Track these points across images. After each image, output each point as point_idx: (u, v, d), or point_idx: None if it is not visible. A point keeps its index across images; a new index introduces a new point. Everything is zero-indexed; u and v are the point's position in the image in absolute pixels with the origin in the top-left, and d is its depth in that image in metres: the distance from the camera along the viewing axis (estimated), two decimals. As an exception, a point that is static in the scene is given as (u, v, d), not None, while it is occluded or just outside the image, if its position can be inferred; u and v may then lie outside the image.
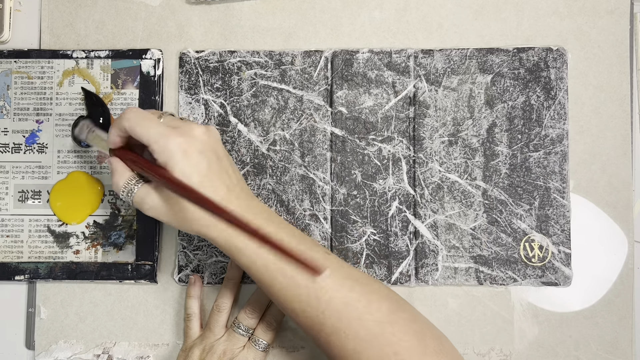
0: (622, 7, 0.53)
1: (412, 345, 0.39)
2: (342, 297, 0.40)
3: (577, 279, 0.52)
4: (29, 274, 0.52)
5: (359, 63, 0.53)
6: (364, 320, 0.40)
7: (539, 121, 0.52)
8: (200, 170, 0.40)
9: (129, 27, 0.54)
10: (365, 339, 0.40)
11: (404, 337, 0.40)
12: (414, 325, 0.41)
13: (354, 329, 0.40)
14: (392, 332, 0.40)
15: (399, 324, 0.40)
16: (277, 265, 0.41)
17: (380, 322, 0.40)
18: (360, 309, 0.40)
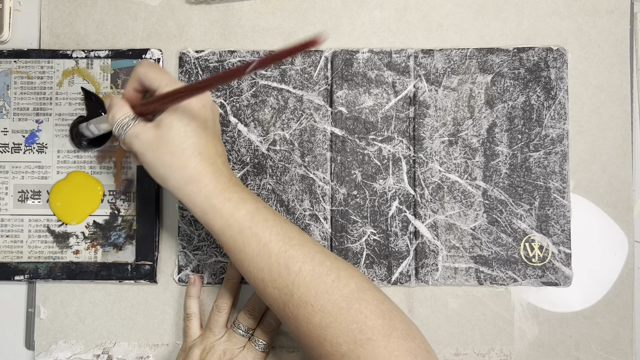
0: (622, 7, 0.53)
1: (378, 324, 0.39)
2: (312, 269, 0.40)
3: (577, 279, 0.52)
4: (28, 274, 0.52)
5: (359, 63, 0.53)
6: (331, 295, 0.40)
7: (539, 121, 0.52)
8: (198, 124, 0.42)
9: (128, 27, 0.54)
10: (331, 314, 0.39)
11: (371, 315, 0.39)
12: (382, 306, 0.40)
13: (321, 302, 0.40)
14: (359, 310, 0.39)
15: (367, 301, 0.40)
16: (252, 230, 0.41)
17: (347, 298, 0.40)
18: (328, 282, 0.40)
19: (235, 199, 0.42)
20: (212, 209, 0.42)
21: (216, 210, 0.42)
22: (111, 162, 0.53)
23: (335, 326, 0.39)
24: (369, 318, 0.39)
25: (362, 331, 0.39)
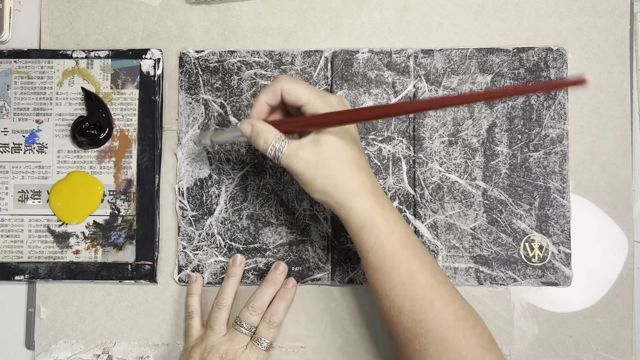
0: (622, 7, 0.53)
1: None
2: (454, 311, 0.41)
3: (577, 279, 0.52)
4: (28, 274, 0.52)
5: (359, 63, 0.53)
6: (468, 340, 0.40)
7: (539, 121, 0.52)
8: (351, 133, 0.43)
9: (128, 27, 0.54)
10: (465, 358, 0.40)
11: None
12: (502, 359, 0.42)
13: (457, 344, 0.40)
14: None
15: (496, 353, 0.41)
16: (403, 257, 0.41)
17: (482, 347, 0.40)
18: (467, 327, 0.40)
19: (392, 219, 0.42)
20: (370, 225, 0.42)
21: (374, 227, 0.41)
22: (111, 162, 0.53)
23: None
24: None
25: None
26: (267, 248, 0.52)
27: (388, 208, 0.42)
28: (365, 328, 0.52)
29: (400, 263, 0.41)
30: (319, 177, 0.41)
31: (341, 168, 0.41)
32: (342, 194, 0.41)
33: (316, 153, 0.41)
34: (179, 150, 0.53)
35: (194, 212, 0.53)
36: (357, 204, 0.41)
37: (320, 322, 0.52)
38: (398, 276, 0.41)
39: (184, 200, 0.53)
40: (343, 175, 0.41)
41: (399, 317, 0.42)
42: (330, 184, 0.41)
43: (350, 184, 0.41)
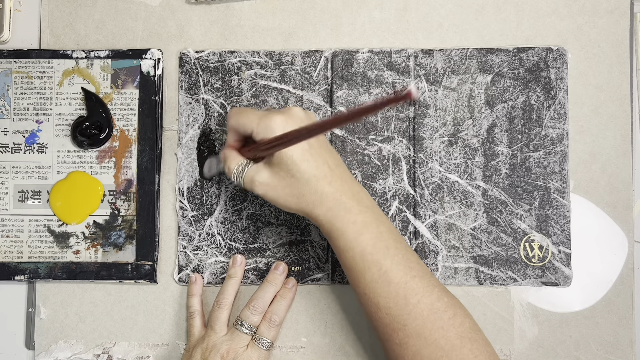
0: (622, 7, 0.53)
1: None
2: (430, 304, 0.41)
3: (577, 279, 0.52)
4: (28, 274, 0.52)
5: (359, 63, 0.53)
6: (446, 331, 0.41)
7: (539, 121, 0.52)
8: (301, 144, 0.42)
9: (128, 27, 0.54)
10: (443, 349, 0.40)
11: (480, 356, 0.41)
12: (488, 348, 0.42)
13: (435, 337, 0.41)
14: (470, 349, 0.41)
15: (478, 342, 0.41)
16: (374, 257, 0.42)
17: (461, 337, 0.41)
18: (445, 319, 0.41)
19: (359, 222, 0.42)
20: (336, 231, 0.43)
21: (340, 232, 0.43)
22: (111, 162, 0.53)
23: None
24: (478, 358, 0.41)
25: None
26: (267, 248, 0.52)
27: (356, 211, 0.42)
28: (365, 328, 0.52)
29: (371, 263, 0.42)
30: (280, 197, 0.43)
31: (298, 185, 0.42)
32: (305, 207, 0.43)
33: (272, 175, 0.43)
34: (179, 150, 0.53)
35: (194, 212, 0.53)
36: (320, 214, 0.43)
37: (320, 322, 0.52)
38: (370, 275, 0.42)
39: (184, 200, 0.53)
40: (301, 191, 0.42)
41: (376, 314, 0.43)
42: (292, 201, 0.43)
43: (311, 198, 0.42)
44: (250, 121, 0.43)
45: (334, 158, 0.44)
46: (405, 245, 0.44)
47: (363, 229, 0.42)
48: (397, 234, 0.44)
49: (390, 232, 0.43)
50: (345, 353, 0.52)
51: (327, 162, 0.43)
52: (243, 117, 0.44)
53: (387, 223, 0.44)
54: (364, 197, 0.44)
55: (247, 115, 0.44)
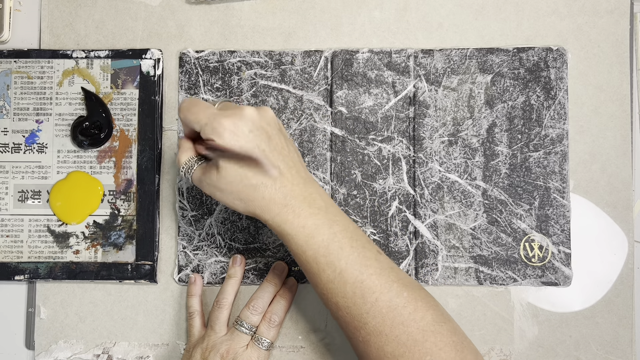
0: (622, 7, 0.53)
1: (451, 357, 0.40)
2: (389, 301, 0.41)
3: (577, 279, 0.52)
4: (28, 274, 0.52)
5: (359, 63, 0.53)
6: (407, 327, 0.40)
7: (539, 121, 0.52)
8: (249, 150, 0.40)
9: (128, 27, 0.54)
10: (405, 345, 0.40)
11: (445, 347, 0.40)
12: (454, 337, 0.41)
13: (396, 333, 0.40)
14: (433, 342, 0.40)
15: (441, 334, 0.40)
16: (327, 258, 0.41)
17: (423, 331, 0.40)
18: (405, 314, 0.40)
19: (309, 226, 0.42)
20: (286, 235, 0.42)
21: (290, 237, 0.42)
22: (111, 162, 0.53)
23: (408, 356, 0.40)
24: (443, 350, 0.40)
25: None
26: (267, 248, 0.52)
27: (305, 214, 0.42)
28: (365, 328, 0.52)
29: (325, 265, 0.41)
30: (228, 200, 0.42)
31: (245, 190, 0.42)
32: (253, 211, 0.42)
33: (218, 178, 0.42)
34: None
35: (194, 212, 0.53)
36: (269, 219, 0.42)
37: (320, 322, 0.52)
38: (326, 276, 0.42)
39: (184, 200, 0.53)
40: (248, 196, 0.42)
41: (337, 313, 0.42)
42: (239, 205, 0.42)
43: (258, 203, 0.42)
44: (198, 120, 0.41)
45: (288, 160, 0.43)
46: (363, 242, 0.43)
47: (314, 232, 0.41)
48: (353, 231, 0.43)
49: (345, 231, 0.42)
50: (345, 353, 0.52)
51: (278, 167, 0.42)
52: (192, 114, 0.41)
53: (343, 222, 0.43)
54: (317, 198, 0.43)
55: (197, 113, 0.41)
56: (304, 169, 0.44)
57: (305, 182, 0.43)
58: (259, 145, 0.41)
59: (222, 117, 0.40)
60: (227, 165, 0.41)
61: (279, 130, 0.43)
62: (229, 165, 0.41)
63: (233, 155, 0.41)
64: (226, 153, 0.41)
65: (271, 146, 0.42)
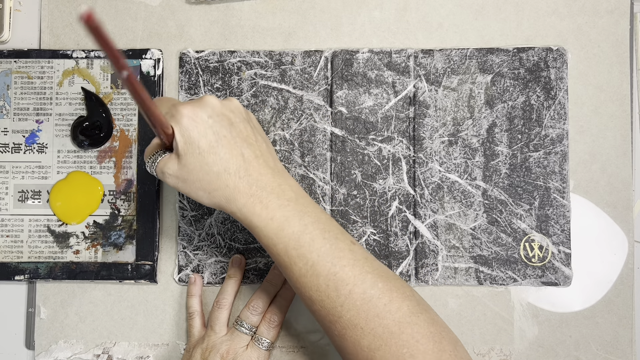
0: (622, 7, 0.53)
1: (429, 349, 0.39)
2: (362, 292, 0.39)
3: (577, 279, 0.52)
4: (28, 274, 0.52)
5: (359, 63, 0.53)
6: (383, 319, 0.39)
7: (539, 121, 0.52)
8: (208, 134, 0.40)
9: (129, 27, 0.54)
10: (381, 337, 0.39)
11: (422, 339, 0.39)
12: (432, 328, 0.40)
13: (372, 325, 0.39)
14: (410, 334, 0.39)
15: (418, 325, 0.39)
16: (298, 251, 0.40)
17: (399, 323, 0.39)
18: (380, 306, 0.39)
19: (278, 217, 0.40)
20: (254, 227, 0.41)
21: (259, 230, 0.41)
22: (111, 162, 0.53)
23: (385, 349, 0.39)
24: (420, 342, 0.39)
25: (412, 355, 0.38)
26: (267, 248, 0.52)
27: (274, 206, 0.40)
28: (365, 328, 0.52)
29: (296, 258, 0.40)
30: (191, 191, 0.41)
31: (208, 179, 0.40)
32: (218, 202, 0.41)
33: (181, 167, 0.40)
34: (179, 150, 0.53)
35: (194, 212, 0.53)
36: (236, 210, 0.41)
37: (320, 322, 0.52)
38: (298, 270, 0.40)
39: (184, 200, 0.53)
40: (212, 185, 0.40)
41: (312, 307, 0.41)
42: (203, 196, 0.41)
43: (223, 193, 0.40)
44: (161, 108, 0.40)
45: (254, 148, 0.41)
46: (335, 233, 0.41)
47: (284, 224, 0.40)
48: (326, 222, 0.42)
49: (317, 222, 0.41)
50: (345, 353, 0.52)
51: (242, 154, 0.40)
52: (156, 107, 0.41)
53: (315, 213, 0.41)
54: (287, 189, 0.41)
55: (161, 103, 0.41)
56: (273, 160, 0.43)
57: (274, 172, 0.42)
58: (219, 131, 0.40)
59: (180, 105, 0.40)
60: (187, 151, 0.40)
61: (245, 119, 0.43)
62: (189, 150, 0.40)
63: (193, 142, 0.40)
64: (187, 140, 0.40)
65: (233, 133, 0.41)
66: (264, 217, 0.40)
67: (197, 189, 0.41)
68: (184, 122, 0.40)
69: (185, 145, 0.40)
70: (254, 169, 0.41)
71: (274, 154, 0.44)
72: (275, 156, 0.44)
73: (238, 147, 0.41)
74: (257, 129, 0.44)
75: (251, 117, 0.44)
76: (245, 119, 0.43)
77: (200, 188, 0.41)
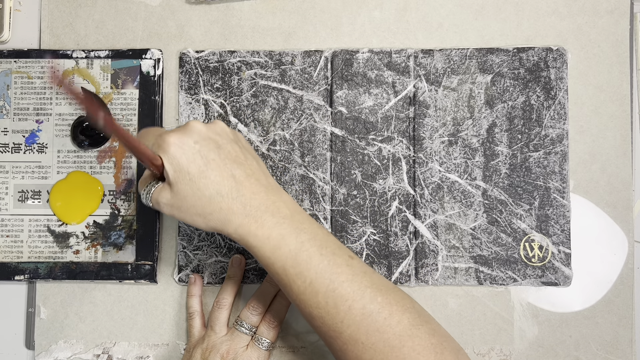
0: (622, 7, 0.53)
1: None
2: (362, 308, 0.40)
3: (577, 279, 0.52)
4: (28, 274, 0.52)
5: (359, 63, 0.53)
6: (383, 333, 0.39)
7: (539, 121, 0.52)
8: (196, 160, 0.40)
9: (128, 27, 0.54)
10: (382, 352, 0.39)
11: (423, 352, 0.39)
12: (433, 340, 0.40)
13: (372, 340, 0.39)
14: (411, 347, 0.39)
15: (419, 337, 0.39)
16: (296, 269, 0.40)
17: (400, 336, 0.39)
18: (380, 321, 0.39)
19: (274, 236, 0.40)
20: (251, 247, 0.41)
21: (256, 250, 0.41)
22: (111, 162, 0.53)
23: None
24: (421, 354, 0.39)
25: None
26: (267, 248, 0.52)
27: (269, 224, 0.40)
28: (365, 328, 0.52)
29: (294, 276, 0.40)
30: (187, 218, 0.41)
31: (201, 204, 0.40)
32: (214, 226, 0.41)
33: (174, 195, 0.41)
34: (179, 150, 0.53)
35: (194, 212, 0.52)
36: (232, 232, 0.41)
37: (320, 322, 0.52)
38: (297, 287, 0.41)
39: (184, 200, 0.52)
40: (206, 210, 0.40)
41: (312, 323, 0.42)
42: (199, 221, 0.41)
43: (218, 216, 0.40)
44: (147, 140, 0.41)
45: (245, 167, 0.42)
46: (333, 248, 0.41)
47: (280, 242, 0.40)
48: (323, 238, 0.42)
49: (313, 239, 0.41)
50: (345, 353, 0.52)
51: (233, 175, 0.41)
52: (143, 139, 0.42)
53: (311, 229, 0.42)
54: (282, 206, 0.42)
55: (146, 137, 0.42)
56: (265, 177, 0.43)
57: (267, 190, 0.42)
58: (207, 155, 0.40)
59: (166, 134, 0.40)
60: (178, 180, 0.40)
61: (232, 140, 0.43)
62: (180, 178, 0.40)
63: (182, 169, 0.40)
64: (176, 168, 0.40)
65: (222, 155, 0.41)
66: (260, 237, 0.40)
67: (192, 214, 0.41)
68: (171, 151, 0.40)
69: (175, 173, 0.40)
70: (246, 188, 0.41)
71: (265, 171, 0.44)
72: (267, 173, 0.44)
73: (228, 169, 0.41)
74: (246, 148, 0.44)
75: (239, 137, 0.44)
76: (233, 140, 0.43)
77: (195, 214, 0.41)
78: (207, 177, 0.40)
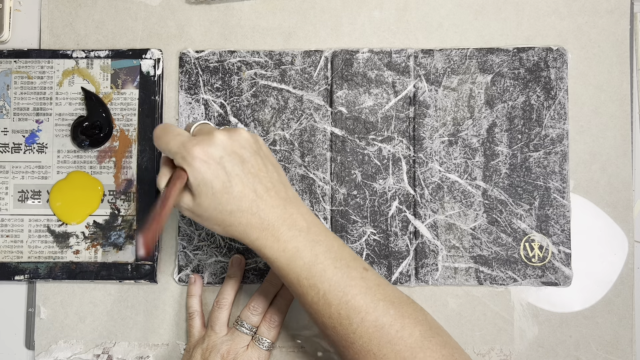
0: (622, 7, 0.53)
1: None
2: (375, 320, 0.40)
3: (577, 279, 0.52)
4: (28, 274, 0.52)
5: (359, 63, 0.53)
6: (395, 345, 0.40)
7: (539, 121, 0.52)
8: (220, 175, 0.40)
9: (128, 27, 0.54)
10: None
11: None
12: (444, 351, 0.40)
13: (384, 352, 0.40)
14: (422, 358, 0.39)
15: (430, 349, 0.40)
16: (310, 281, 0.41)
17: (411, 348, 0.40)
18: (392, 333, 0.40)
19: (290, 249, 0.41)
20: (268, 258, 0.42)
21: (272, 261, 0.42)
22: (111, 162, 0.53)
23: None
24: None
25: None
26: (267, 248, 0.52)
27: (285, 238, 0.41)
28: (365, 328, 0.52)
29: (308, 287, 0.41)
30: (206, 224, 0.42)
31: (221, 217, 0.41)
32: (232, 234, 0.42)
33: (194, 205, 0.41)
34: (179, 150, 0.53)
35: (194, 212, 0.52)
36: (249, 243, 0.42)
37: (320, 322, 0.52)
38: (310, 298, 0.41)
39: (184, 200, 0.52)
40: (225, 222, 0.41)
41: (324, 332, 0.42)
42: (218, 229, 0.42)
43: (235, 228, 0.41)
44: (169, 149, 0.41)
45: (266, 181, 0.42)
46: (347, 261, 0.42)
47: (295, 255, 0.41)
48: (337, 250, 0.42)
49: (328, 251, 0.41)
50: (345, 353, 0.52)
51: (255, 190, 0.41)
52: (163, 143, 0.41)
53: (327, 242, 0.42)
54: (298, 219, 0.42)
55: (167, 142, 0.41)
56: (284, 189, 0.43)
57: (285, 202, 0.42)
58: (231, 171, 0.40)
59: (191, 146, 0.40)
60: (201, 192, 0.40)
61: (255, 151, 0.42)
62: (203, 192, 0.40)
63: (207, 184, 0.40)
64: (200, 182, 0.40)
65: (245, 170, 0.41)
66: (276, 249, 0.41)
67: (212, 224, 0.42)
68: (196, 165, 0.40)
69: (199, 187, 0.40)
70: (265, 202, 0.41)
71: (285, 181, 0.44)
72: (287, 184, 0.44)
73: (250, 184, 0.41)
74: (267, 157, 0.44)
75: (260, 144, 0.44)
76: (255, 151, 0.43)
77: (215, 223, 0.42)
78: (230, 192, 0.40)
